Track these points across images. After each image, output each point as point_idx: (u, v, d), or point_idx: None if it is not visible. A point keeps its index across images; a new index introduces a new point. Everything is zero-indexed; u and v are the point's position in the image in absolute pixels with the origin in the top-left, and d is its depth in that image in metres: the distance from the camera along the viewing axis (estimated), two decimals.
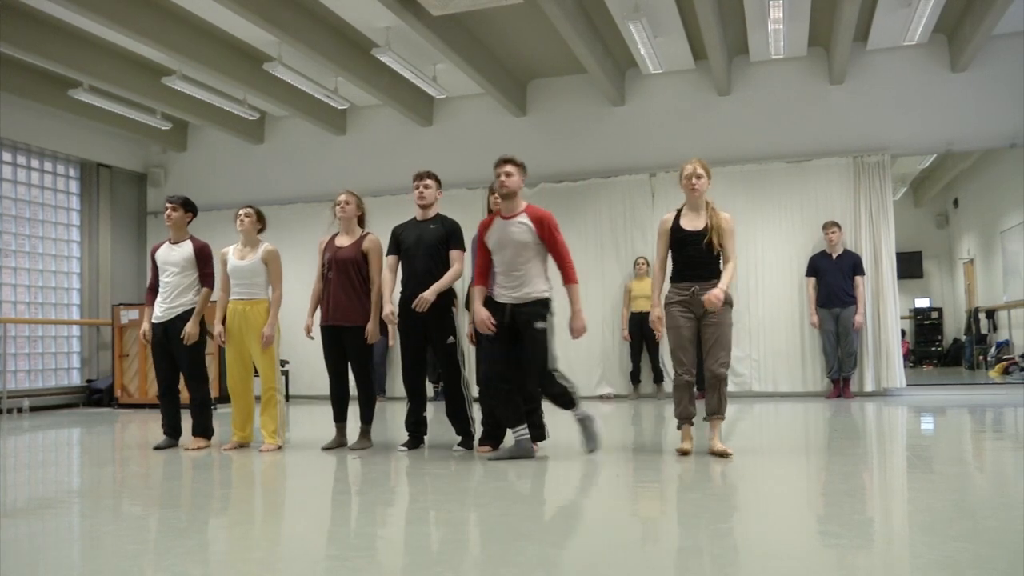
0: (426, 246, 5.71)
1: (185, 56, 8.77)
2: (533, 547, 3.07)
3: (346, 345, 5.89)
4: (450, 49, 8.68)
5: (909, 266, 15.28)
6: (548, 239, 5.29)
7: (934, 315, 16.57)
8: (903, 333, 12.71)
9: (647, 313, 9.88)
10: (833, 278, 9.27)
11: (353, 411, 6.07)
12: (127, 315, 10.86)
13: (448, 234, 5.78)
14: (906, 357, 12.49)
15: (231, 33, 8.98)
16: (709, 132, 10.22)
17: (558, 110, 10.84)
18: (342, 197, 6.02)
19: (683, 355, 5.18)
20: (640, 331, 9.94)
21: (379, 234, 6.12)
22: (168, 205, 6.29)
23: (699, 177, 5.25)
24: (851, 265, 9.29)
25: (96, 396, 11.25)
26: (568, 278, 5.31)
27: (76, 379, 11.55)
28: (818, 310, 9.37)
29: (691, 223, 5.23)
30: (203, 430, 6.26)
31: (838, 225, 9.36)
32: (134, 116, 10.71)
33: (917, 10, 8.19)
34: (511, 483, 4.44)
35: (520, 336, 5.24)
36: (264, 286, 6.12)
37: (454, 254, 5.75)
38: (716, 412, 5.21)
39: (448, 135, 11.21)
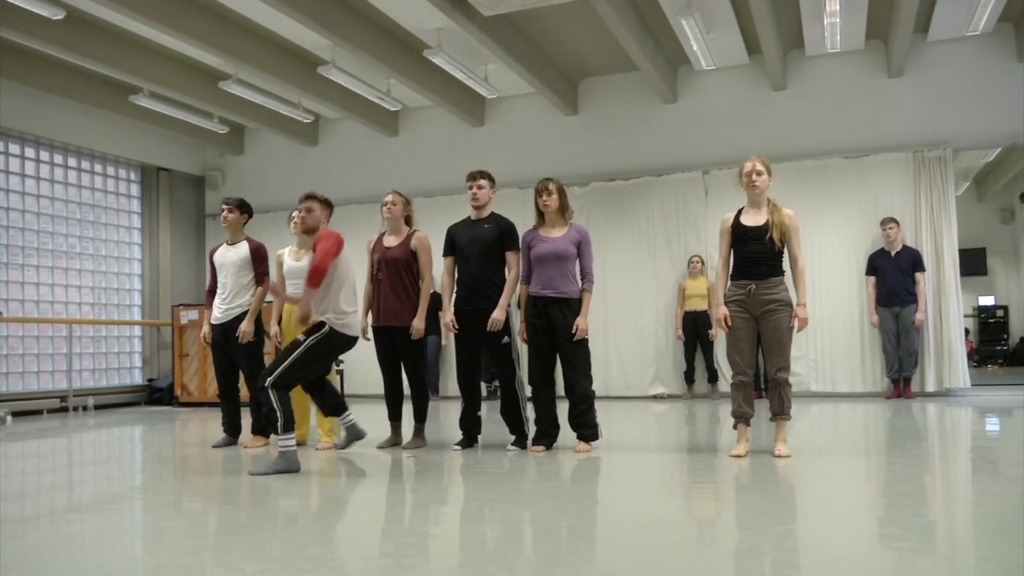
0: (480, 246, 5.71)
1: (241, 60, 8.92)
2: (587, 547, 3.05)
3: (398, 345, 5.91)
4: (501, 49, 8.69)
5: (973, 263, 14.86)
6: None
7: (999, 313, 16.12)
8: (967, 332, 12.39)
9: (701, 312, 9.83)
10: (893, 276, 9.07)
11: (407, 410, 6.10)
12: (186, 315, 11.09)
13: (503, 234, 5.76)
14: (970, 356, 12.16)
15: (285, 37, 9.11)
16: (764, 128, 10.07)
17: (610, 108, 10.79)
18: (388, 197, 6.00)
19: (738, 356, 5.12)
20: (694, 330, 9.84)
21: (432, 234, 6.14)
22: (224, 207, 6.39)
23: (759, 174, 5.17)
24: (911, 262, 9.08)
25: (157, 395, 11.51)
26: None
27: (138, 378, 11.84)
28: (878, 309, 9.17)
29: (752, 219, 5.14)
30: (262, 429, 6.34)
31: (896, 221, 9.16)
32: (192, 120, 10.93)
33: None
34: (565, 482, 4.43)
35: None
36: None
37: (510, 256, 5.74)
38: (779, 413, 5.14)
39: (500, 135, 11.23)
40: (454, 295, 5.85)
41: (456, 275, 5.84)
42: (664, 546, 3.05)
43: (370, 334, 6.04)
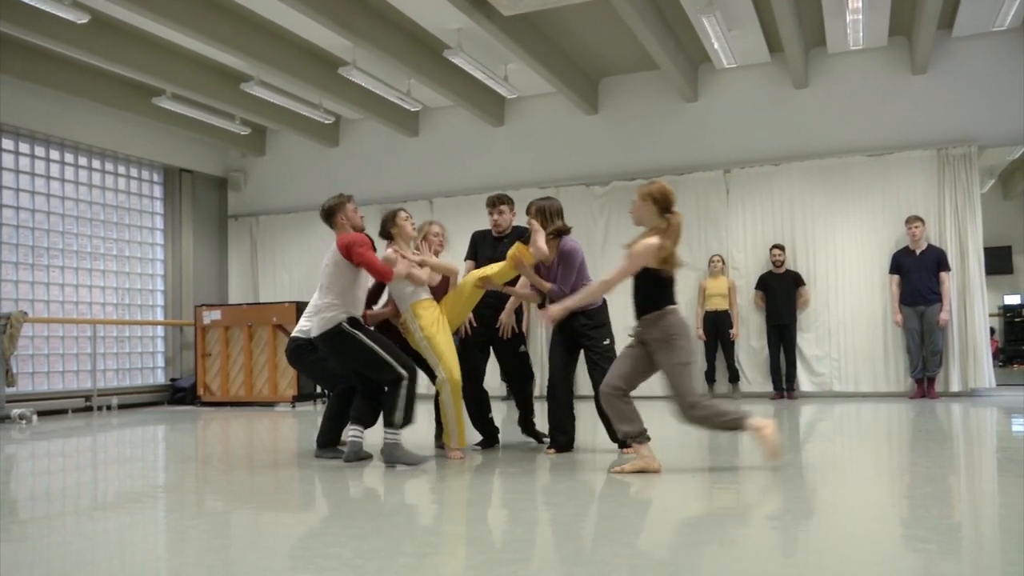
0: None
1: (262, 62, 8.98)
2: (608, 547, 3.04)
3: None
4: (521, 49, 8.69)
5: (998, 261, 14.68)
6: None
7: None
8: (992, 331, 12.24)
9: (722, 312, 9.80)
10: (917, 275, 8.99)
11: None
12: (209, 316, 11.17)
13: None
14: (995, 356, 12.02)
15: (306, 39, 9.16)
16: (786, 126, 10.01)
17: (630, 107, 10.75)
18: (436, 228, 5.76)
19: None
20: (715, 330, 9.80)
21: (453, 234, 6.12)
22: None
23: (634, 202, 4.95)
24: (935, 261, 8.99)
25: (179, 394, 11.60)
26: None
27: (160, 378, 11.93)
28: (902, 308, 9.09)
29: None
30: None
31: (921, 220, 9.07)
32: (214, 122, 11.01)
33: None
34: (586, 483, 4.41)
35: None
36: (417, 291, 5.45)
37: None
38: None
39: (520, 135, 11.23)
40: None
41: None
42: (686, 545, 3.04)
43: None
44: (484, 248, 5.80)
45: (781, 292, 9.59)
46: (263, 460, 5.69)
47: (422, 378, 5.19)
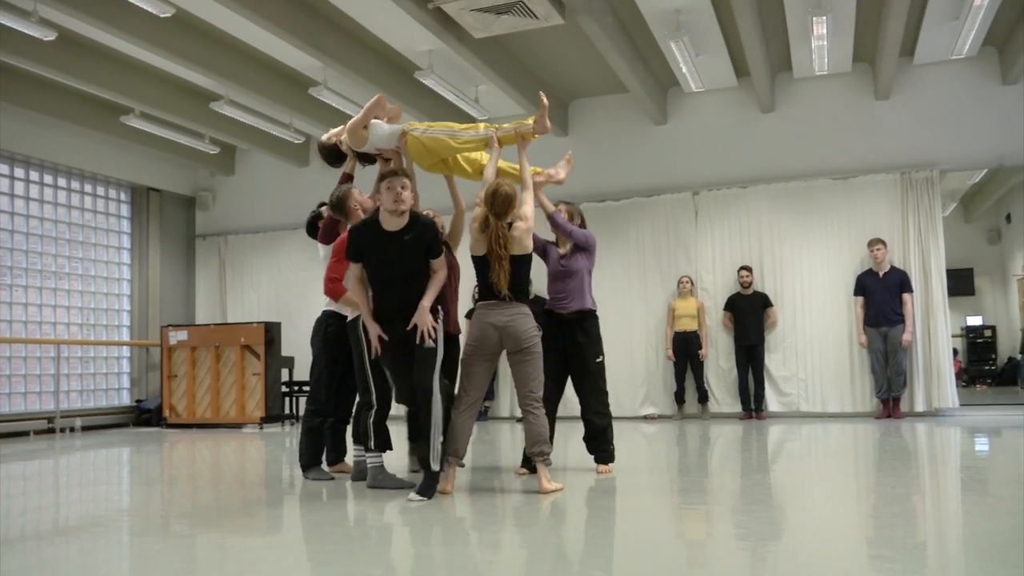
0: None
1: (232, 82, 8.95)
2: (578, 569, 3.04)
3: None
4: (492, 71, 8.74)
5: (960, 283, 14.94)
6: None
7: (987, 333, 16.18)
8: (955, 352, 12.43)
9: (691, 332, 9.86)
10: (880, 296, 9.12)
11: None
12: (175, 336, 11.04)
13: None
14: (958, 376, 12.20)
15: (277, 59, 9.14)
16: (753, 149, 10.15)
17: (600, 129, 10.84)
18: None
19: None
20: (684, 350, 9.86)
21: None
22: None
23: None
24: (898, 283, 9.13)
25: (145, 416, 11.43)
26: None
27: (126, 399, 11.76)
28: (866, 329, 9.21)
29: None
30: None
31: (883, 242, 9.22)
32: (183, 141, 10.94)
33: (966, 23, 8.06)
34: (554, 504, 4.41)
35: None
36: None
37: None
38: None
39: None
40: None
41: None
42: (656, 568, 3.04)
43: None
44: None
45: (749, 313, 9.68)
46: (230, 483, 5.62)
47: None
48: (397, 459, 5.89)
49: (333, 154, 5.71)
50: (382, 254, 4.64)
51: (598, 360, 5.44)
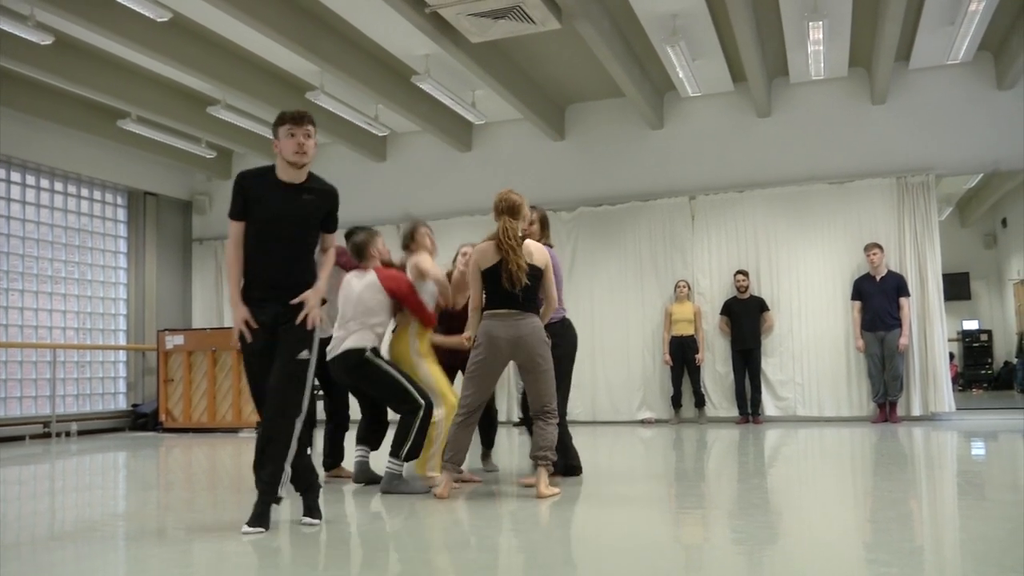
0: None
1: (229, 86, 8.95)
2: (573, 574, 3.03)
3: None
4: (488, 75, 8.75)
5: (956, 287, 14.98)
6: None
7: (983, 337, 16.21)
8: (951, 356, 12.45)
9: (688, 337, 9.86)
10: (877, 301, 9.13)
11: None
12: (172, 340, 11.02)
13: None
14: (955, 381, 12.21)
15: (274, 63, 9.15)
16: (749, 154, 10.16)
17: (596, 134, 10.86)
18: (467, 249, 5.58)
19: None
20: (681, 355, 9.86)
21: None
22: None
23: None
24: (895, 287, 9.14)
25: (141, 420, 11.41)
26: None
27: (122, 403, 11.73)
28: (863, 333, 9.22)
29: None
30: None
31: (880, 247, 9.23)
32: (180, 145, 10.93)
33: (961, 29, 8.09)
34: (552, 509, 4.40)
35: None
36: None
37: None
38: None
39: (487, 160, 11.27)
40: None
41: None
42: (652, 573, 3.04)
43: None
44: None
45: (746, 317, 9.69)
46: (226, 487, 5.61)
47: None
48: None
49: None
50: (270, 211, 3.92)
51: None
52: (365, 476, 5.24)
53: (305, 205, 3.93)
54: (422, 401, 4.91)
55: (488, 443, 5.88)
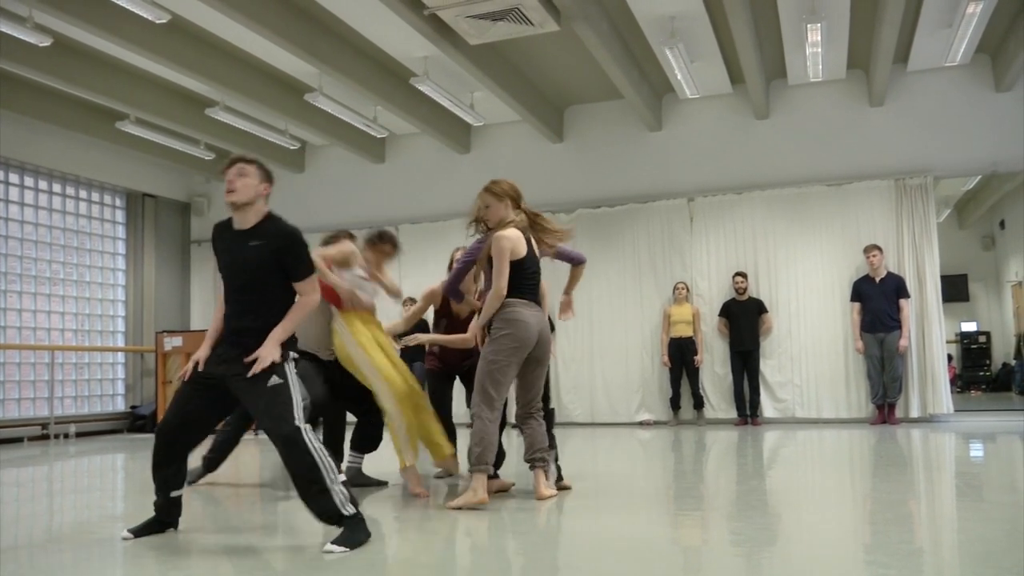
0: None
1: (228, 87, 8.95)
2: (572, 575, 3.04)
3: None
4: (487, 77, 8.75)
5: (955, 289, 14.98)
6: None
7: (982, 339, 16.22)
8: (949, 358, 12.45)
9: (687, 338, 9.86)
10: (877, 303, 9.13)
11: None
12: (170, 342, 11.02)
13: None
14: (953, 382, 12.22)
15: (273, 65, 9.15)
16: (747, 156, 10.17)
17: (595, 136, 10.86)
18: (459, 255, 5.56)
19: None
20: (680, 356, 9.86)
21: (418, 264, 6.13)
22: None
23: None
24: (895, 288, 9.14)
25: (139, 422, 11.41)
26: None
27: (120, 405, 11.73)
28: (862, 335, 9.22)
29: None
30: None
31: (879, 248, 9.24)
32: (178, 147, 10.92)
33: (959, 31, 8.10)
34: (549, 511, 4.40)
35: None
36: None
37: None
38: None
39: (486, 162, 11.26)
40: None
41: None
42: (647, 573, 3.04)
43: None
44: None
45: (744, 319, 9.69)
46: (224, 489, 5.60)
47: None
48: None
49: None
50: (223, 260, 3.86)
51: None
52: (359, 481, 5.23)
53: (251, 251, 3.71)
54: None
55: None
